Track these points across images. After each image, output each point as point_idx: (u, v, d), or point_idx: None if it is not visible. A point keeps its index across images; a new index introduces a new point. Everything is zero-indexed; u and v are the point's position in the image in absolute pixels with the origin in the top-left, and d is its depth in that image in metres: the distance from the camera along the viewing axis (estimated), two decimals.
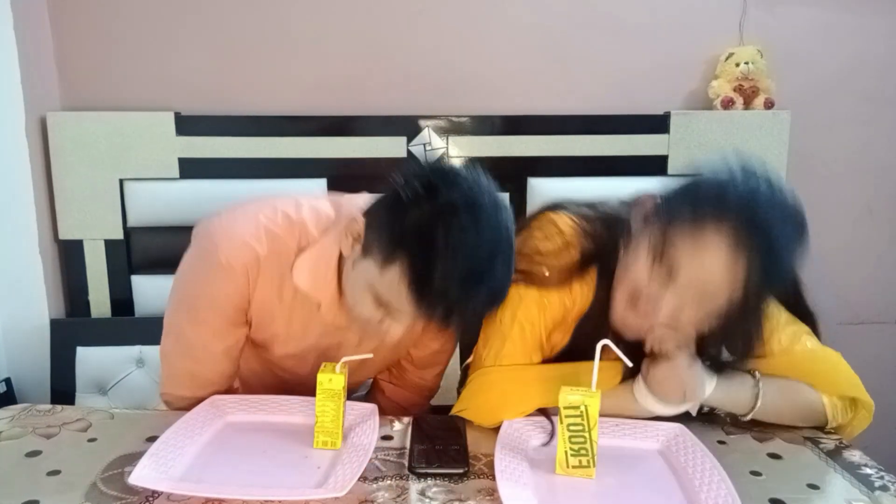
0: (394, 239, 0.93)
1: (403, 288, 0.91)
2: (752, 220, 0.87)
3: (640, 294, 0.96)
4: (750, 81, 1.86)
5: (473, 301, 0.92)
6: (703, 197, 0.93)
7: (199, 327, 1.10)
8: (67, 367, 1.76)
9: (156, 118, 1.78)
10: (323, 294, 1.07)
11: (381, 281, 0.95)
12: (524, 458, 0.96)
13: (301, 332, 1.13)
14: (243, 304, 1.07)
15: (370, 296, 0.97)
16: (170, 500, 0.86)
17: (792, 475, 0.95)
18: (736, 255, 0.88)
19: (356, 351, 1.09)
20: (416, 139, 1.85)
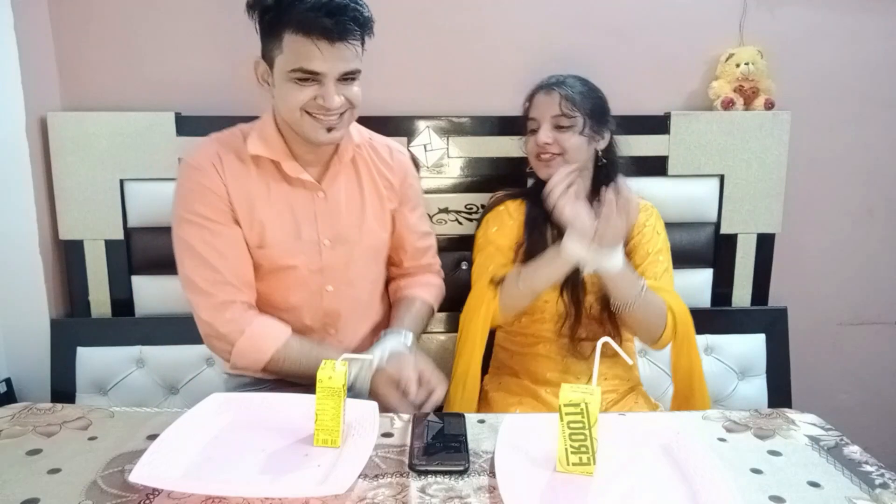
0: (274, 24, 1.15)
1: (299, 35, 1.12)
2: (562, 80, 1.48)
3: (533, 144, 1.48)
4: (750, 82, 1.86)
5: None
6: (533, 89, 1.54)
7: (197, 228, 1.25)
8: (68, 368, 1.76)
9: (156, 118, 1.78)
10: (276, 151, 1.27)
11: (286, 55, 1.15)
12: (524, 456, 0.96)
13: (280, 210, 1.29)
14: (222, 193, 1.25)
15: (294, 80, 1.16)
16: (170, 498, 0.86)
17: (792, 473, 0.95)
18: (548, 92, 1.47)
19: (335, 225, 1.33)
20: (416, 139, 1.85)
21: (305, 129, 1.21)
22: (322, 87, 1.17)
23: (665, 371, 1.87)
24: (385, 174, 1.41)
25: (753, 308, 1.96)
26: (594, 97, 1.48)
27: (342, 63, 1.16)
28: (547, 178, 1.39)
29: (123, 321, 1.83)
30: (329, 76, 1.16)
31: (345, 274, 1.37)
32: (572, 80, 1.49)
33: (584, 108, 1.44)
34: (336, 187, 1.34)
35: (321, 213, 1.32)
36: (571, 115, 1.43)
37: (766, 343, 1.91)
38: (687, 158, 1.88)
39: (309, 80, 1.16)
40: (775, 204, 1.91)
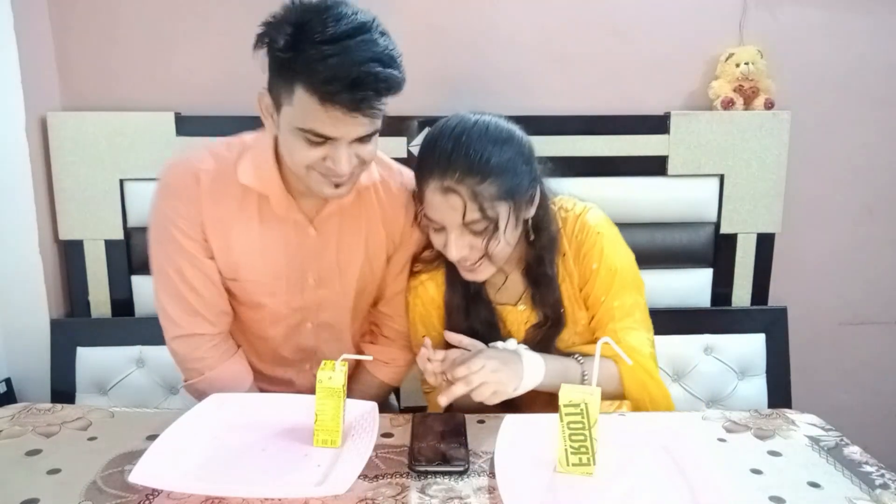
0: (286, 72, 0.99)
1: (313, 99, 0.97)
2: (445, 164, 1.06)
3: (440, 249, 1.14)
4: (750, 82, 1.86)
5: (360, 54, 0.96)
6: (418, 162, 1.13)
7: (169, 256, 1.17)
8: (68, 368, 1.76)
9: (156, 118, 1.78)
10: (268, 185, 1.14)
11: (297, 111, 1.00)
12: (524, 456, 0.96)
13: (262, 245, 1.18)
14: (196, 221, 1.15)
15: (302, 138, 1.02)
16: (170, 498, 0.86)
17: (792, 473, 0.95)
18: (446, 192, 1.06)
19: (323, 264, 1.22)
20: (416, 139, 1.85)
21: (310, 184, 1.08)
22: (334, 150, 1.02)
23: (665, 371, 1.87)
24: (390, 217, 1.26)
25: (753, 308, 1.96)
26: (509, 159, 1.08)
27: (359, 129, 1.02)
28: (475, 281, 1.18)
29: (123, 321, 1.83)
30: (342, 141, 1.02)
31: (328, 313, 1.29)
32: (471, 146, 1.06)
33: (501, 194, 1.07)
34: (330, 226, 1.21)
35: (310, 251, 1.20)
36: (486, 216, 1.06)
37: (766, 343, 1.91)
38: (687, 158, 1.87)
39: (320, 143, 1.02)
40: (775, 204, 1.91)
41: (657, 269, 1.92)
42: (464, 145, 1.06)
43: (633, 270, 1.24)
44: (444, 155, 1.07)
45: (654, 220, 1.91)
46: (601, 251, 1.19)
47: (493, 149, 1.06)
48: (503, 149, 1.08)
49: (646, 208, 1.90)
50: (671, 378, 1.87)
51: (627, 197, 1.88)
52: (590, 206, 1.25)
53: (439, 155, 1.07)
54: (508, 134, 1.11)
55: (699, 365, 1.87)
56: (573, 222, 1.22)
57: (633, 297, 1.22)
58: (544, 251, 1.19)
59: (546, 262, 1.19)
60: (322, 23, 0.96)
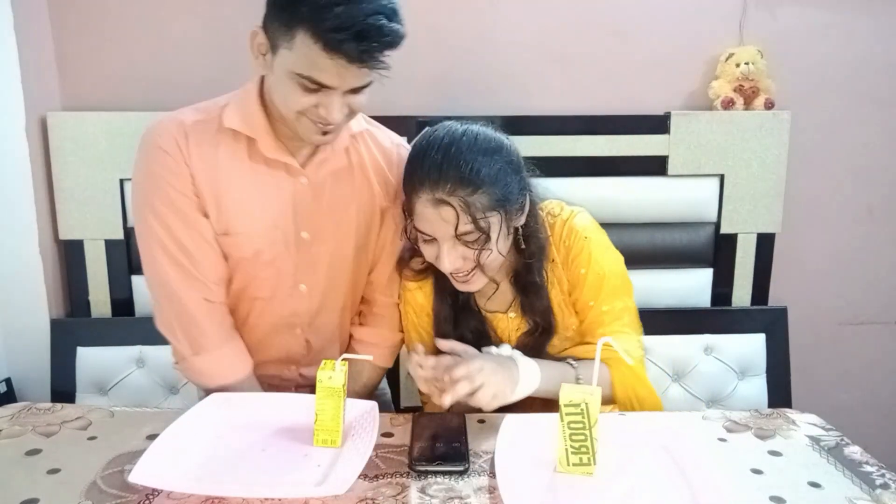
0: (288, 15, 0.97)
1: (317, 46, 0.95)
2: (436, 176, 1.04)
3: (434, 259, 1.11)
4: (750, 82, 1.86)
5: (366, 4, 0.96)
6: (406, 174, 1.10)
7: (160, 220, 1.11)
8: (68, 368, 1.76)
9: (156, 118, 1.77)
10: (255, 128, 1.11)
11: (297, 56, 0.98)
12: (524, 456, 0.96)
13: (253, 193, 1.14)
14: (186, 177, 1.11)
15: (297, 83, 1.01)
16: (170, 498, 0.86)
17: (793, 473, 0.95)
18: (437, 204, 1.04)
19: (316, 217, 1.18)
20: (417, 139, 1.84)
21: (299, 129, 1.07)
22: (327, 98, 1.02)
23: (666, 371, 1.87)
24: (383, 168, 1.25)
25: (753, 308, 1.96)
26: (499, 169, 1.07)
27: (356, 80, 1.02)
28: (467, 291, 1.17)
29: (123, 321, 1.83)
30: (338, 90, 1.02)
31: (323, 274, 1.24)
32: (461, 157, 1.04)
33: (493, 203, 1.05)
34: (321, 175, 1.18)
35: (301, 202, 1.17)
36: (479, 226, 1.05)
37: (766, 343, 1.91)
38: (687, 158, 1.88)
39: (315, 89, 1.01)
40: (775, 204, 1.91)
41: (657, 269, 1.93)
42: (454, 156, 1.04)
43: (622, 274, 1.22)
44: (434, 167, 1.04)
45: (654, 220, 1.91)
46: (589, 256, 1.18)
47: (483, 159, 1.05)
48: (493, 158, 1.06)
49: (646, 208, 1.90)
50: (671, 378, 1.88)
51: (627, 197, 1.89)
52: (577, 210, 1.23)
53: (429, 167, 1.05)
54: (497, 143, 1.09)
55: (699, 365, 1.87)
56: (561, 227, 1.21)
57: (622, 301, 1.20)
58: (533, 259, 1.17)
59: (535, 270, 1.18)
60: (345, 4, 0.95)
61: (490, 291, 1.24)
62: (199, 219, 1.13)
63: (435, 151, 1.06)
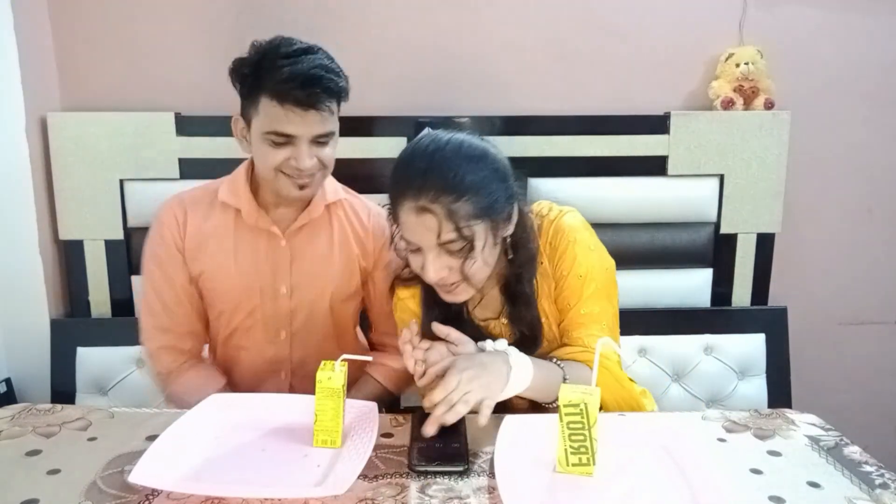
0: (252, 90, 1.21)
1: (273, 102, 1.17)
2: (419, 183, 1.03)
3: (418, 271, 1.10)
4: (750, 82, 1.86)
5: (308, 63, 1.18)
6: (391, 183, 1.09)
7: (151, 275, 1.35)
8: (68, 368, 1.76)
9: (156, 118, 1.78)
10: (240, 200, 1.32)
11: (262, 118, 1.20)
12: (524, 456, 0.96)
13: (235, 255, 1.33)
14: (179, 245, 1.33)
15: (268, 142, 1.21)
16: (169, 498, 0.86)
17: (792, 473, 0.95)
18: (420, 212, 1.03)
19: (295, 275, 1.35)
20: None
21: (279, 187, 1.25)
22: (296, 149, 1.21)
23: (665, 371, 1.87)
24: (360, 235, 1.40)
25: (753, 308, 1.96)
26: (485, 177, 1.05)
27: (313, 127, 1.20)
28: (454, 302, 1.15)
29: (123, 321, 1.82)
30: (302, 139, 1.20)
31: (302, 323, 1.38)
32: (447, 167, 1.03)
33: (479, 212, 1.03)
34: (301, 238, 1.35)
35: (281, 262, 1.34)
36: (464, 235, 1.03)
37: (766, 343, 1.91)
38: (687, 158, 1.88)
39: (283, 143, 1.21)
40: (775, 204, 1.91)
41: (657, 269, 1.93)
42: (437, 164, 1.03)
43: (606, 277, 1.20)
44: (417, 174, 1.03)
45: (654, 220, 1.91)
46: (574, 257, 1.17)
47: (467, 167, 1.03)
48: (478, 166, 1.05)
49: (646, 208, 1.90)
50: (671, 378, 1.88)
51: (627, 197, 1.89)
52: (567, 210, 1.22)
53: (413, 174, 1.04)
54: (482, 152, 1.08)
55: (699, 365, 1.87)
56: (548, 227, 1.20)
57: (601, 304, 1.18)
58: (523, 269, 1.16)
59: (524, 280, 1.17)
60: (277, 47, 1.20)
61: (480, 298, 1.23)
62: (185, 283, 1.34)
63: (419, 159, 1.05)
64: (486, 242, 1.07)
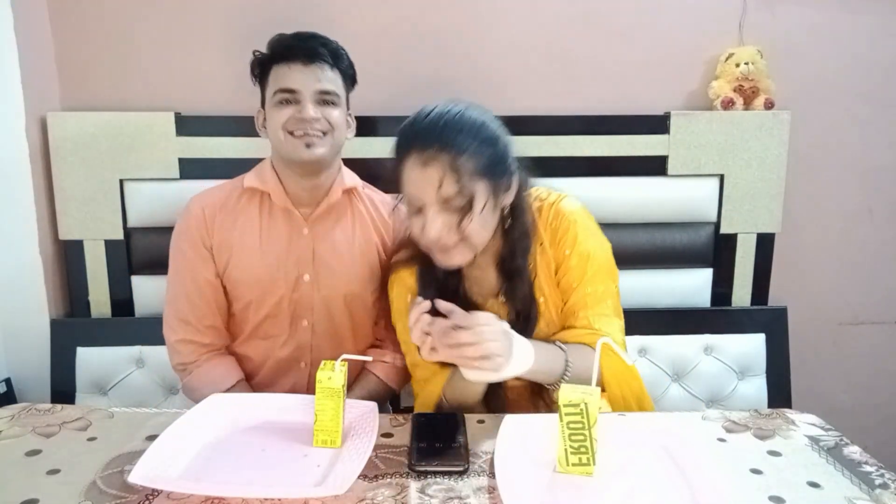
0: (265, 69, 1.35)
1: (280, 65, 1.32)
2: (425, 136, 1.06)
3: (420, 231, 1.10)
4: (750, 82, 1.86)
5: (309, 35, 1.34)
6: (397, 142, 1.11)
7: (177, 267, 1.40)
8: (67, 368, 1.76)
9: (156, 118, 1.78)
10: (268, 184, 1.39)
11: (272, 83, 1.33)
12: (524, 456, 0.96)
13: (261, 242, 1.38)
14: (206, 233, 1.38)
15: (276, 105, 1.31)
16: (169, 498, 0.86)
17: (792, 473, 0.95)
18: (425, 164, 1.05)
19: (317, 263, 1.39)
20: None
21: (288, 149, 1.32)
22: (299, 105, 1.30)
23: (665, 371, 1.87)
24: (380, 228, 1.46)
25: (753, 308, 1.96)
26: (488, 137, 1.09)
27: (316, 82, 1.30)
28: (450, 267, 1.15)
29: (123, 321, 1.83)
30: (304, 93, 1.30)
31: (323, 311, 1.42)
32: (451, 123, 1.06)
33: (480, 170, 1.06)
34: (323, 225, 1.41)
35: (304, 249, 1.39)
36: (464, 191, 1.05)
37: (766, 343, 1.91)
38: (687, 158, 1.88)
39: (288, 101, 1.30)
40: (775, 204, 1.91)
41: (657, 269, 1.93)
42: (443, 120, 1.07)
43: (608, 258, 1.23)
44: (423, 130, 1.07)
45: (654, 220, 1.91)
46: (574, 237, 1.19)
47: (472, 126, 1.07)
48: (482, 129, 1.08)
49: (646, 208, 1.90)
50: (671, 378, 1.88)
51: (627, 197, 1.89)
52: (564, 194, 1.25)
53: (419, 130, 1.07)
54: (489, 118, 1.12)
55: (699, 365, 1.87)
56: (548, 210, 1.22)
57: (605, 284, 1.20)
58: (517, 243, 1.18)
59: (519, 254, 1.18)
60: (286, 35, 1.34)
61: (475, 276, 1.24)
62: (210, 275, 1.39)
63: (424, 118, 1.09)
64: (486, 205, 1.08)
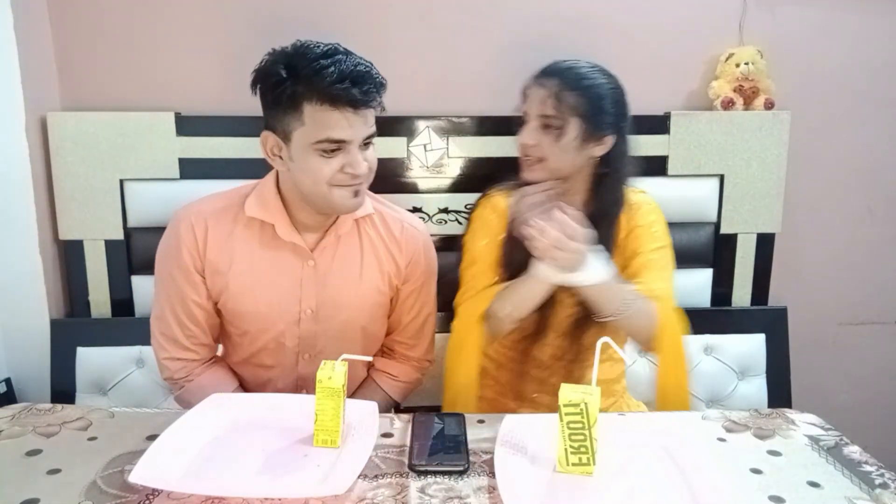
0: (290, 99, 1.10)
1: (324, 106, 1.09)
2: (563, 69, 1.29)
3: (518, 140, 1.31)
4: (750, 82, 1.86)
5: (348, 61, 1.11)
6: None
7: (165, 286, 1.27)
8: (67, 368, 1.76)
9: (156, 118, 1.78)
10: (273, 215, 1.24)
11: (310, 126, 1.11)
12: (524, 456, 0.96)
13: (260, 274, 1.25)
14: (196, 260, 1.24)
15: (317, 154, 1.13)
16: (170, 498, 0.86)
17: (792, 473, 0.95)
18: (539, 86, 1.27)
19: (320, 296, 1.27)
20: (416, 139, 1.85)
21: (332, 201, 1.17)
22: (348, 155, 1.13)
23: None
24: (391, 251, 1.33)
25: (753, 308, 1.96)
26: (597, 93, 1.26)
27: (365, 128, 1.14)
28: (527, 182, 1.28)
29: (123, 321, 1.83)
30: (354, 143, 1.14)
31: (326, 345, 1.32)
32: (577, 70, 1.28)
33: (577, 109, 1.23)
34: (328, 257, 1.28)
35: (307, 282, 1.27)
36: (558, 116, 1.24)
37: (766, 343, 1.91)
38: (687, 158, 1.88)
39: (335, 151, 1.13)
40: (775, 204, 1.91)
41: None
42: (570, 65, 1.29)
43: (670, 245, 1.37)
44: (554, 65, 1.30)
45: None
46: (647, 214, 1.36)
47: (587, 77, 1.27)
48: (595, 84, 1.26)
49: None
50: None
51: None
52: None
53: (552, 65, 1.30)
54: (611, 83, 1.29)
55: (699, 365, 1.87)
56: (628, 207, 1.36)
57: (667, 259, 1.35)
58: (605, 207, 1.31)
59: (603, 217, 1.30)
60: (305, 49, 1.12)
61: None
62: (200, 296, 1.26)
63: (564, 60, 1.31)
64: (572, 141, 1.25)
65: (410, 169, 1.86)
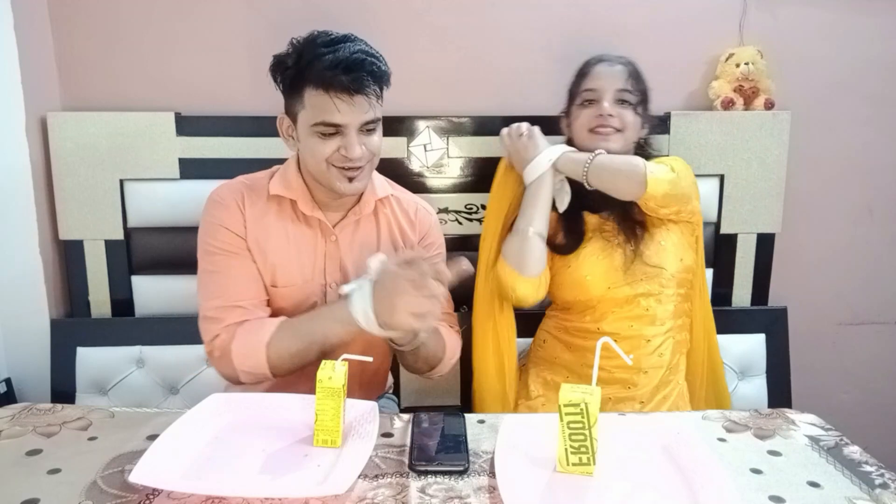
0: (296, 83, 1.21)
1: (319, 91, 1.18)
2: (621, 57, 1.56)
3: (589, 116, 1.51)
4: (750, 82, 1.86)
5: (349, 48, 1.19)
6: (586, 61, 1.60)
7: (213, 257, 1.28)
8: (68, 368, 1.76)
9: (156, 118, 1.78)
10: (294, 191, 1.31)
11: (309, 110, 1.21)
12: (524, 456, 0.96)
13: (295, 248, 1.32)
14: (240, 228, 1.29)
15: (316, 135, 1.22)
16: (170, 498, 0.86)
17: (792, 473, 0.95)
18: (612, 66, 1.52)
19: (343, 270, 1.34)
20: (416, 139, 1.85)
21: (331, 181, 1.25)
22: (344, 139, 1.21)
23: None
24: (406, 230, 1.42)
25: (753, 308, 1.96)
26: (644, 86, 1.55)
27: (361, 114, 1.21)
28: (607, 150, 1.46)
29: (123, 321, 1.83)
30: (350, 127, 1.21)
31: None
32: (628, 60, 1.54)
33: (644, 90, 1.52)
34: (350, 234, 1.35)
35: (330, 257, 1.34)
36: (636, 90, 1.49)
37: (766, 343, 1.91)
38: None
39: (332, 133, 1.21)
40: (775, 204, 1.91)
41: None
42: (619, 54, 1.56)
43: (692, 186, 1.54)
44: (606, 54, 1.56)
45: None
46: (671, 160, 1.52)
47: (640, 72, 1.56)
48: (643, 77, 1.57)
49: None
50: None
51: None
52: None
53: (606, 54, 1.56)
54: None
55: None
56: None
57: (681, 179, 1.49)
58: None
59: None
60: (316, 39, 1.21)
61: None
62: (248, 259, 1.29)
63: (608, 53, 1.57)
64: (644, 115, 1.53)
65: (410, 169, 1.86)
